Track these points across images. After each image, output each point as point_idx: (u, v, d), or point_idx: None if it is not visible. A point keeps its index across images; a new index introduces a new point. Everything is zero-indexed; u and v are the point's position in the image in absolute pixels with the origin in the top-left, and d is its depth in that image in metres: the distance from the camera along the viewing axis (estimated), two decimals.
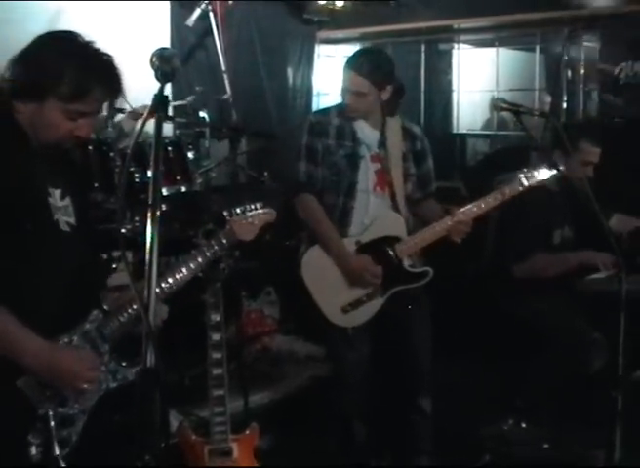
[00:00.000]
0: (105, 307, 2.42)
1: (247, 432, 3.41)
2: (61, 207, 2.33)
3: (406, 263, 3.61)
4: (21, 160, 2.15)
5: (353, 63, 3.54)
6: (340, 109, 3.68)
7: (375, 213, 3.63)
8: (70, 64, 2.17)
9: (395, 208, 3.64)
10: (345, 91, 3.58)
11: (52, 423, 2.24)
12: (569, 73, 6.87)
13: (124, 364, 2.43)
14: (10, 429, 2.18)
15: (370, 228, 3.60)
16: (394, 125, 3.71)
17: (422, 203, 3.80)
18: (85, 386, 2.25)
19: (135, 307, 2.37)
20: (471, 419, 4.24)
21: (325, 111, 3.79)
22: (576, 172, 3.81)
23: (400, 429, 3.87)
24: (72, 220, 2.36)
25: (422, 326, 3.77)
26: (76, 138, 2.26)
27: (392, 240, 3.58)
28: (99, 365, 2.31)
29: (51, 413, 2.25)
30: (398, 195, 3.65)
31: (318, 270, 3.59)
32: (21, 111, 2.19)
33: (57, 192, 2.31)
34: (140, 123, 1.90)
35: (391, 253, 3.57)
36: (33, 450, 2.21)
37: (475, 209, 3.54)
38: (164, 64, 1.92)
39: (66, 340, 2.31)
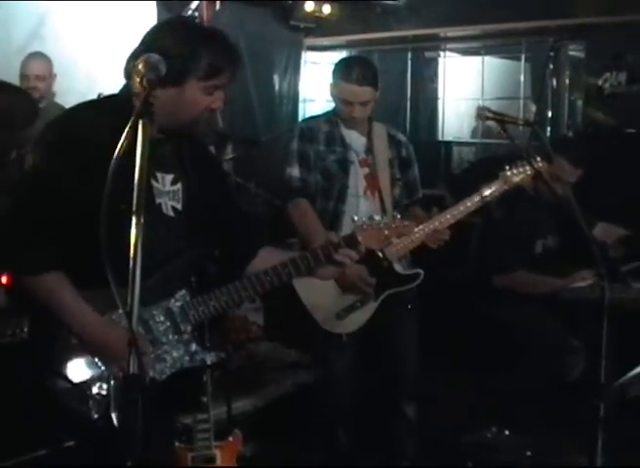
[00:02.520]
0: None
1: (230, 439, 3.40)
2: (169, 191, 2.42)
3: (397, 267, 3.62)
4: (128, 147, 2.16)
5: (353, 75, 3.51)
6: (328, 117, 3.71)
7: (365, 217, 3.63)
8: (205, 45, 2.30)
9: (384, 211, 3.62)
10: (349, 103, 3.54)
11: (111, 383, 2.27)
12: (554, 82, 6.91)
13: (207, 346, 2.46)
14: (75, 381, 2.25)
15: None
16: (380, 131, 3.74)
17: (408, 210, 3.80)
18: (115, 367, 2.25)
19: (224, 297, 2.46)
20: (454, 426, 4.25)
21: (313, 119, 3.82)
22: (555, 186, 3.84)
23: (383, 435, 3.88)
24: (179, 206, 2.44)
25: (410, 332, 3.78)
26: (211, 111, 2.40)
27: None
28: (146, 351, 2.31)
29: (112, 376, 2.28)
30: (386, 199, 3.66)
31: (309, 278, 3.55)
32: (158, 96, 2.19)
33: (168, 177, 2.41)
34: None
35: (381, 256, 3.56)
36: (94, 410, 2.25)
37: (456, 212, 3.55)
38: (149, 71, 1.93)
39: (147, 314, 2.34)
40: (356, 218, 2.67)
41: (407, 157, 3.82)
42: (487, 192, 3.56)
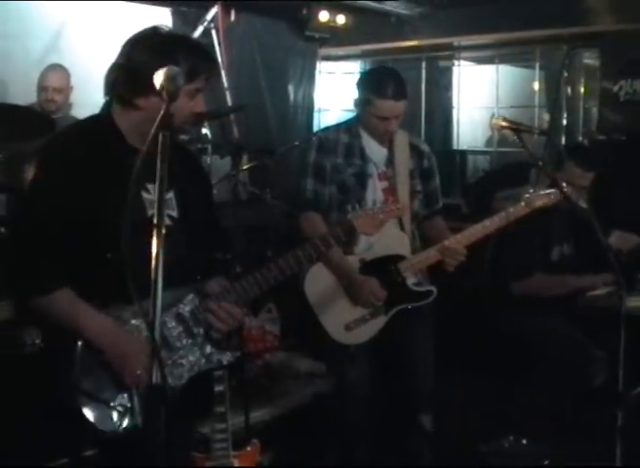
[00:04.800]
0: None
1: (248, 448, 3.41)
2: None
3: (410, 282, 3.58)
4: (111, 161, 2.17)
5: (389, 91, 3.43)
6: (348, 127, 3.64)
7: (381, 231, 3.59)
8: (182, 49, 2.33)
9: (401, 226, 3.59)
10: (385, 118, 3.48)
11: (134, 395, 2.29)
12: (569, 90, 6.91)
13: (221, 348, 2.49)
14: (95, 394, 2.27)
15: (374, 247, 3.54)
16: (401, 141, 3.66)
17: (428, 220, 3.78)
18: (139, 372, 2.26)
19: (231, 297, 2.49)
20: (472, 435, 4.23)
21: (333, 129, 3.75)
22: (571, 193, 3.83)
23: (400, 446, 3.86)
24: (174, 213, 2.46)
25: (425, 344, 3.74)
26: (195, 116, 2.41)
27: (396, 258, 3.54)
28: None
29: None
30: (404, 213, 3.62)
31: (321, 288, 3.54)
32: (143, 107, 2.30)
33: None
34: None
35: (395, 271, 3.54)
36: (115, 417, 2.26)
37: (474, 231, 3.52)
38: (168, 83, 1.93)
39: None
40: (350, 208, 2.69)
41: (429, 168, 3.75)
42: (508, 214, 3.53)
